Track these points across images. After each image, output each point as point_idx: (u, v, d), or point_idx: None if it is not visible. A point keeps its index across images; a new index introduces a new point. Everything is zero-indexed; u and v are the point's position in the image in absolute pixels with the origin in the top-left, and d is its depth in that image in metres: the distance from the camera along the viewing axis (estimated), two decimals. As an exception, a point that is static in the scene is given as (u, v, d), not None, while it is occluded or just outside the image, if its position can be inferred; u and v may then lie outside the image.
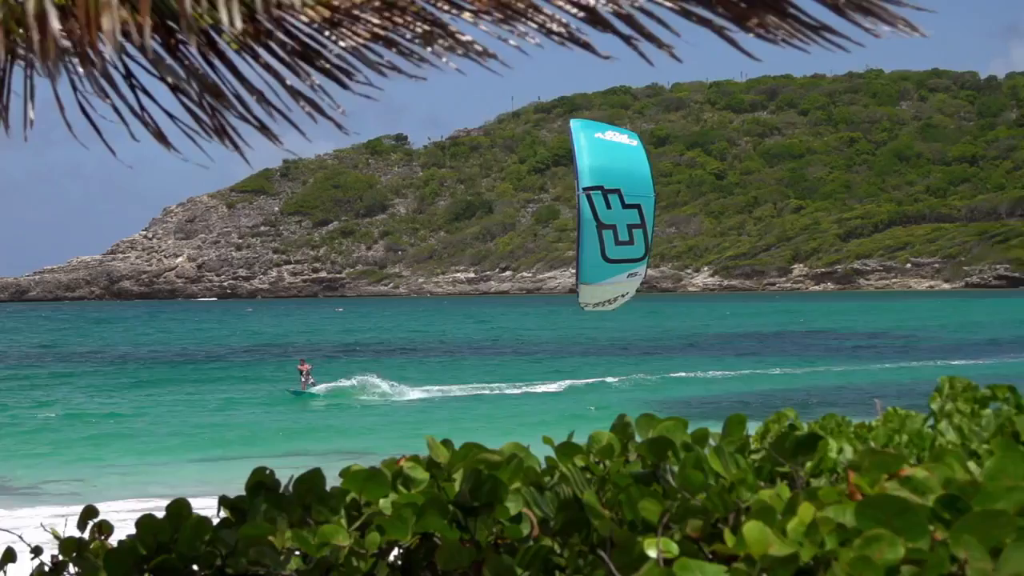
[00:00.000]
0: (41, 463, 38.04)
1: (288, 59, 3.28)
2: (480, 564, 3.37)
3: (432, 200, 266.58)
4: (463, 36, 3.21)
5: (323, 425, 47.80)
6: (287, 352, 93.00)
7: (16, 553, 4.48)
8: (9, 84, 3.54)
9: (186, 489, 30.04)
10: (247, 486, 3.79)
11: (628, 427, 3.61)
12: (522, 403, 54.92)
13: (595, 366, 74.97)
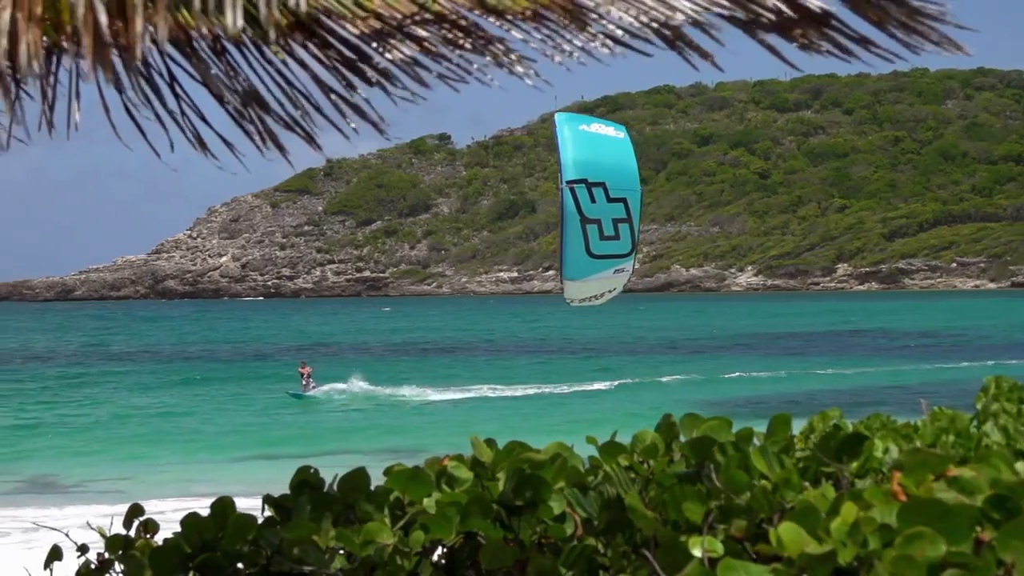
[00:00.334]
0: (88, 461, 38.27)
1: (334, 68, 3.29)
2: (524, 563, 3.37)
3: (475, 199, 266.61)
4: (509, 52, 3.22)
5: (369, 424, 47.87)
6: (336, 351, 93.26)
7: (63, 551, 4.51)
8: (54, 85, 3.57)
9: (231, 488, 30.15)
10: (291, 485, 3.80)
11: (672, 427, 3.60)
12: (570, 402, 54.82)
13: (642, 365, 74.88)
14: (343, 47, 3.26)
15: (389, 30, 3.19)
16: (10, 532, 26.42)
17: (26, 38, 3.01)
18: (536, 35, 3.21)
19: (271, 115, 3.43)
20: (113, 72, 3.30)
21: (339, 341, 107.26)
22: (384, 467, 3.69)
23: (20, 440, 44.40)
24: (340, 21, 3.20)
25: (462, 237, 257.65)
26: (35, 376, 75.08)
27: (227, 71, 3.39)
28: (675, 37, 3.17)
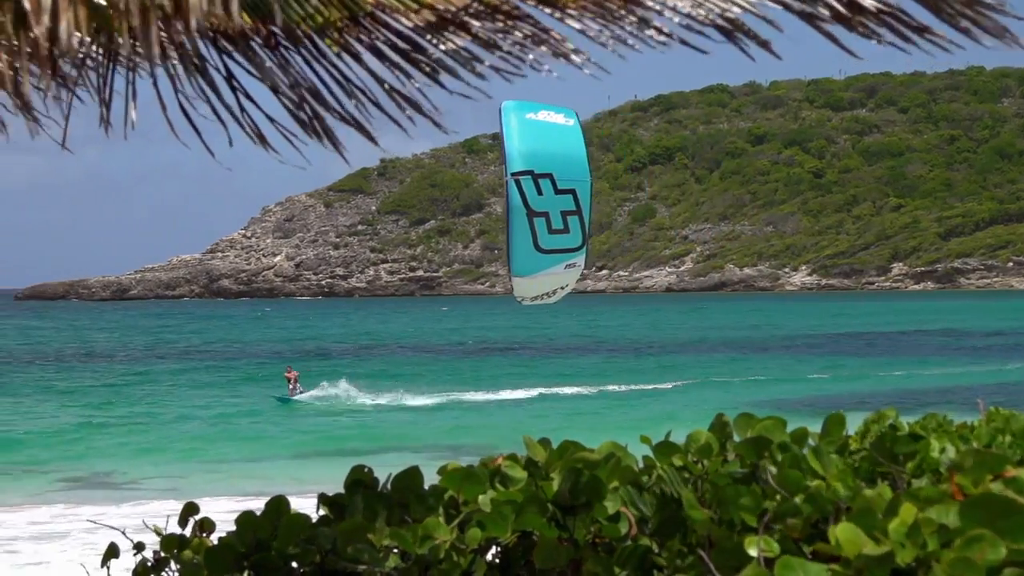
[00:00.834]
0: (145, 459, 38.50)
1: (389, 61, 3.29)
2: (578, 563, 3.36)
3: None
4: (564, 43, 3.21)
5: (422, 423, 47.98)
6: (394, 351, 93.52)
7: (119, 549, 4.54)
8: (111, 85, 3.58)
9: (284, 487, 30.31)
10: (345, 483, 3.81)
11: (726, 426, 3.59)
12: (628, 401, 54.74)
13: (698, 364, 74.75)
14: (398, 39, 3.26)
15: (443, 22, 3.19)
16: (69, 530, 26.62)
17: (67, 16, 3.02)
18: (591, 25, 3.20)
19: (327, 110, 3.44)
20: (161, 49, 3.31)
21: (400, 340, 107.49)
22: (438, 466, 3.69)
23: (78, 438, 44.77)
24: (394, 14, 3.20)
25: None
26: (94, 374, 75.70)
27: (282, 66, 3.39)
28: (732, 28, 3.16)
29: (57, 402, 58.18)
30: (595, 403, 54.64)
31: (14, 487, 33.84)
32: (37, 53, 3.15)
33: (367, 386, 59.91)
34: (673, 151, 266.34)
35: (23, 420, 50.82)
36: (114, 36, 3.26)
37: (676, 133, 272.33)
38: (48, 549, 24.84)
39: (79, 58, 3.63)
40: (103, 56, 3.62)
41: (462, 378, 69.04)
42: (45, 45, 3.10)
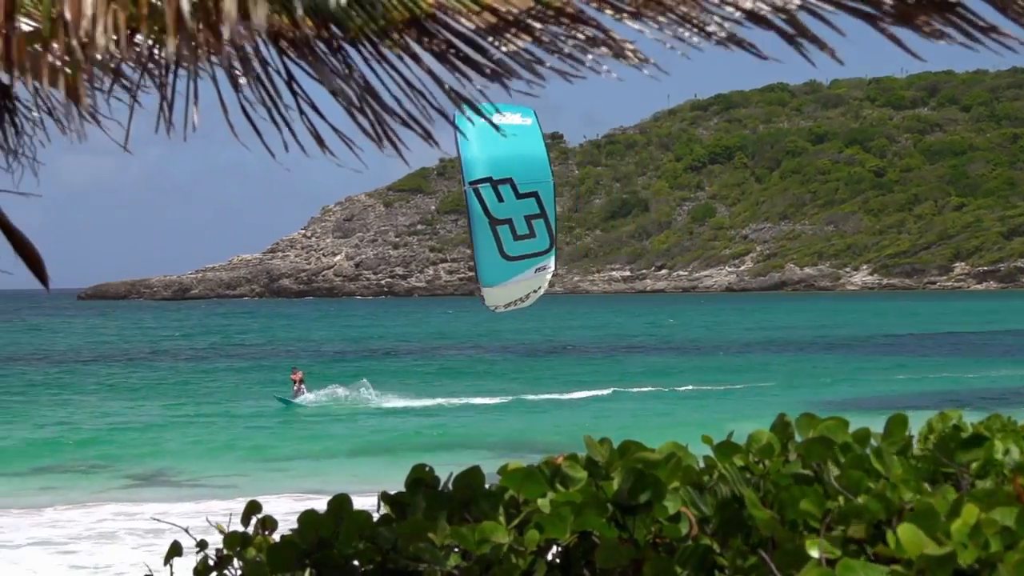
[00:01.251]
0: (208, 458, 38.72)
1: (450, 63, 3.30)
2: (639, 563, 3.36)
3: (588, 198, 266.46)
4: (625, 43, 3.21)
5: (488, 423, 48.01)
6: (465, 349, 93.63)
7: (182, 547, 4.58)
8: (173, 86, 3.61)
9: (346, 485, 30.41)
10: (407, 482, 3.82)
11: (788, 426, 3.58)
12: (689, 401, 54.57)
13: (759, 364, 74.48)
14: (459, 41, 3.27)
15: (505, 24, 3.19)
16: (131, 528, 26.82)
17: (103, 20, 3.05)
18: (652, 25, 3.20)
19: (388, 112, 3.45)
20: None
21: (466, 339, 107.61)
22: (499, 466, 3.70)
23: (141, 436, 45.09)
24: (456, 16, 3.21)
25: (574, 236, 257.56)
26: (158, 372, 76.26)
27: (343, 68, 3.41)
28: (793, 31, 3.15)
29: (121, 400, 58.63)
30: (660, 403, 54.47)
31: (78, 485, 34.13)
32: (90, 56, 3.18)
33: (413, 386, 60.04)
34: (733, 150, 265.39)
35: (88, 418, 51.28)
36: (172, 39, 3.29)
37: (736, 132, 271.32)
38: (110, 547, 25.04)
39: (142, 61, 3.66)
40: (164, 58, 3.65)
41: (526, 377, 69.15)
42: (83, 49, 3.13)
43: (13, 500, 31.40)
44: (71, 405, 57.01)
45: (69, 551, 24.69)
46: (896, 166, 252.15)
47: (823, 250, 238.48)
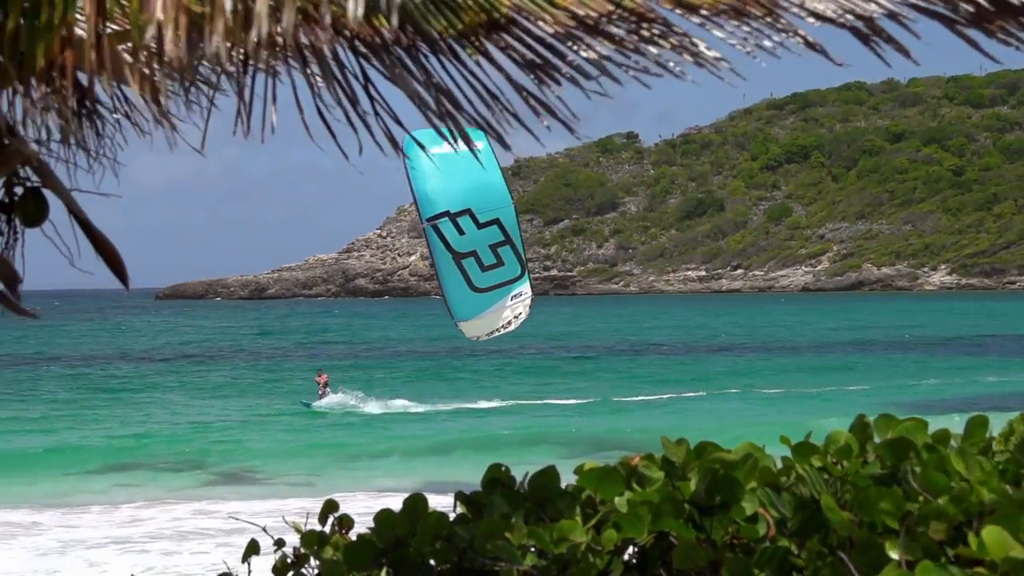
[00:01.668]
0: (286, 457, 38.92)
1: (527, 67, 3.30)
2: (717, 564, 3.35)
3: (663, 198, 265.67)
4: (703, 48, 3.20)
5: (565, 422, 47.98)
6: (544, 348, 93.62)
7: (260, 545, 4.61)
8: (252, 87, 3.64)
9: (420, 484, 30.53)
10: (483, 482, 3.83)
11: (867, 427, 3.55)
12: (767, 402, 54.28)
13: (835, 364, 74.01)
14: (538, 45, 3.27)
15: (583, 28, 3.19)
16: (209, 527, 27.01)
17: (171, 24, 3.08)
18: (729, 30, 3.19)
19: (463, 115, 3.46)
20: (300, 53, 3.36)
21: (552, 338, 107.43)
22: (576, 466, 3.70)
23: (220, 434, 45.44)
24: (533, 19, 3.21)
25: (650, 236, 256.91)
26: (237, 371, 76.81)
27: (420, 72, 3.42)
28: (870, 31, 3.13)
29: (201, 399, 59.12)
30: (740, 403, 54.21)
31: (157, 483, 34.43)
32: (168, 58, 3.21)
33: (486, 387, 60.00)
34: (809, 149, 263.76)
35: (169, 416, 51.76)
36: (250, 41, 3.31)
37: (812, 131, 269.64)
38: (188, 545, 25.23)
39: (219, 63, 3.69)
40: (242, 61, 3.67)
41: (605, 377, 69.12)
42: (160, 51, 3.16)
43: (93, 498, 31.73)
44: (152, 404, 57.59)
45: (147, 550, 24.91)
46: (975, 165, 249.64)
47: (901, 250, 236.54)
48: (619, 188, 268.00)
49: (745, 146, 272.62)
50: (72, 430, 47.12)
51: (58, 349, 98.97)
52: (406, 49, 3.38)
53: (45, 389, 65.31)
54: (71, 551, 24.79)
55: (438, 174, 25.44)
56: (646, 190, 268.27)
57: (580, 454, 36.36)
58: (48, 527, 27.46)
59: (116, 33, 3.55)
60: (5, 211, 4.72)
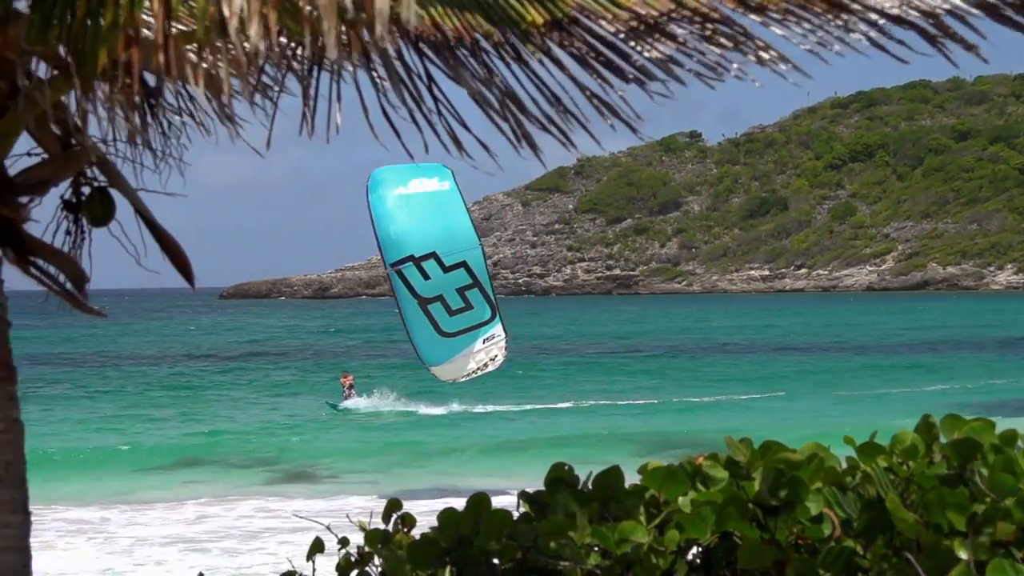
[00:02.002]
0: (350, 455, 39.00)
1: (590, 67, 3.30)
2: (782, 564, 3.33)
3: (726, 197, 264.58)
4: (767, 48, 3.18)
5: (629, 421, 47.84)
6: (610, 347, 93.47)
7: (324, 544, 4.62)
8: (316, 88, 3.65)
9: (482, 482, 30.52)
10: (546, 481, 3.83)
11: (932, 427, 3.53)
12: (834, 403, 53.87)
13: (904, 364, 73.45)
14: (600, 45, 3.27)
15: (646, 27, 3.18)
16: (273, 526, 27.13)
17: (258, 18, 3.09)
18: (794, 29, 3.17)
19: (527, 115, 3.45)
20: (364, 53, 3.37)
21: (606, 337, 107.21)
22: (639, 465, 3.69)
23: (286, 432, 45.65)
24: (597, 19, 3.21)
25: (713, 235, 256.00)
26: (304, 370, 77.04)
27: (484, 72, 3.42)
28: (936, 30, 3.11)
29: (268, 397, 59.37)
30: (807, 403, 53.86)
31: (223, 481, 34.60)
32: (238, 60, 3.22)
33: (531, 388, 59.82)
34: (874, 148, 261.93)
35: (236, 414, 52.05)
36: (317, 41, 3.33)
37: (877, 130, 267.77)
38: (253, 544, 25.34)
39: (284, 64, 3.71)
40: (308, 61, 3.69)
41: (672, 375, 68.93)
42: (241, 51, 3.17)
43: (160, 495, 31.93)
44: (219, 402, 57.96)
45: (212, 548, 25.04)
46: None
47: (966, 249, 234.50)
48: (682, 187, 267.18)
49: (809, 145, 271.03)
50: (140, 428, 47.51)
51: (126, 347, 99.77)
52: (469, 48, 3.38)
53: (114, 387, 65.85)
54: (137, 549, 24.97)
55: (403, 216, 24.80)
56: (709, 189, 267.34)
57: (644, 454, 36.25)
58: (116, 525, 27.68)
59: (182, 33, 3.57)
60: (73, 211, 4.77)
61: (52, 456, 37.15)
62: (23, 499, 4.72)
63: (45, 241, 4.73)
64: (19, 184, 4.60)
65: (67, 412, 52.82)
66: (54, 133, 4.46)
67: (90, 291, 4.80)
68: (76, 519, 28.23)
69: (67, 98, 4.27)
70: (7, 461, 4.63)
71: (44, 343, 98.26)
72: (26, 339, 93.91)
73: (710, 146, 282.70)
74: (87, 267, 4.77)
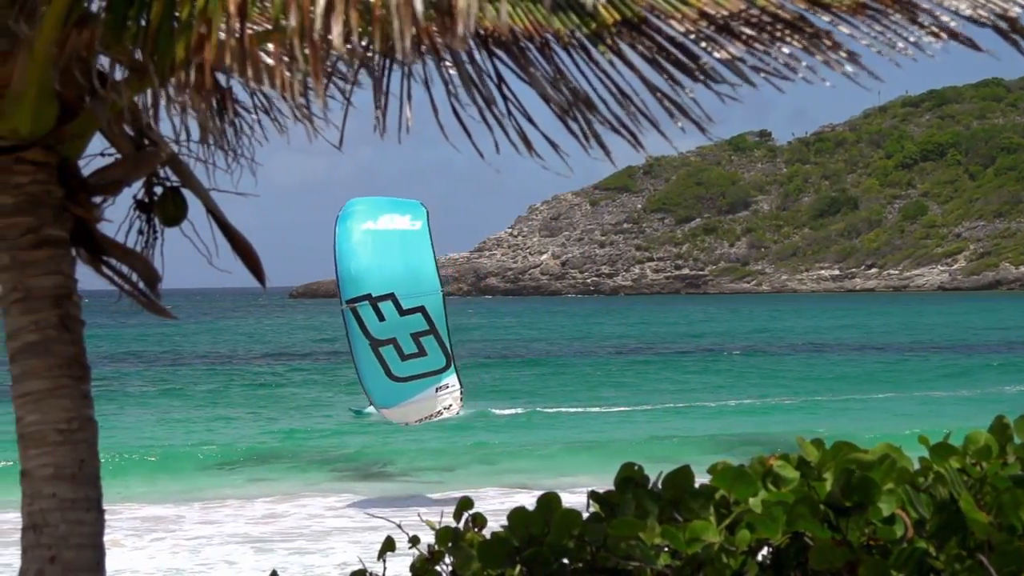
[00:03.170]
0: (421, 454, 39.07)
1: (660, 67, 3.29)
2: (854, 565, 3.31)
3: (796, 196, 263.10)
4: (836, 49, 3.17)
5: (700, 421, 47.69)
6: (702, 347, 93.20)
7: (395, 542, 4.64)
8: (387, 88, 3.67)
9: (552, 482, 30.52)
10: (616, 481, 3.82)
11: (1006, 428, 3.50)
12: (906, 405, 53.43)
13: (979, 366, 72.77)
14: (670, 46, 3.26)
15: (716, 28, 3.17)
16: (343, 525, 27.24)
17: (340, 19, 3.11)
18: (864, 29, 3.15)
19: (597, 115, 3.45)
20: (436, 53, 3.38)
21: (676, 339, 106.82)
22: (709, 465, 3.68)
23: (354, 430, 45.80)
24: (667, 20, 3.20)
25: (782, 235, 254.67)
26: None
27: (554, 72, 3.42)
28: (1009, 27, 3.08)
29: (340, 395, 59.55)
30: (885, 403, 53.44)
31: (294, 478, 34.77)
32: (315, 59, 3.24)
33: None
34: (945, 147, 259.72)
35: (308, 412, 52.32)
36: (388, 40, 3.34)
37: (948, 129, 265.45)
38: (323, 543, 25.45)
39: (356, 64, 3.73)
40: (380, 62, 3.70)
41: (746, 376, 68.66)
42: (313, 48, 3.19)
43: (232, 492, 32.16)
44: (292, 400, 58.27)
45: (282, 547, 25.18)
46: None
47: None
48: (751, 186, 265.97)
49: (880, 144, 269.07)
50: (212, 426, 47.85)
51: (199, 346, 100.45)
52: (539, 48, 3.39)
53: (186, 385, 66.33)
54: (208, 548, 25.15)
55: (365, 253, 24.22)
56: (779, 188, 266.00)
57: (715, 453, 36.11)
58: (187, 523, 27.90)
59: (255, 33, 3.60)
60: (145, 210, 4.81)
61: (125, 454, 37.48)
62: (97, 497, 4.77)
63: (118, 241, 4.77)
64: (93, 184, 4.65)
65: (140, 410, 53.27)
66: (127, 133, 4.50)
67: (161, 291, 4.84)
68: (149, 516, 28.49)
69: (139, 98, 4.31)
70: (81, 459, 4.68)
71: (117, 342, 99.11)
72: (99, 338, 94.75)
73: (780, 145, 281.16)
74: (159, 267, 4.82)
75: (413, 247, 25.01)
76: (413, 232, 25.20)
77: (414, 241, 25.13)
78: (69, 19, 3.94)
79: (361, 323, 24.62)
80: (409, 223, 25.26)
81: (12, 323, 4.65)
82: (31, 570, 4.68)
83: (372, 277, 24.07)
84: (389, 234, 25.00)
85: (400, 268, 24.85)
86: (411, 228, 25.26)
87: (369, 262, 23.72)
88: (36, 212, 4.55)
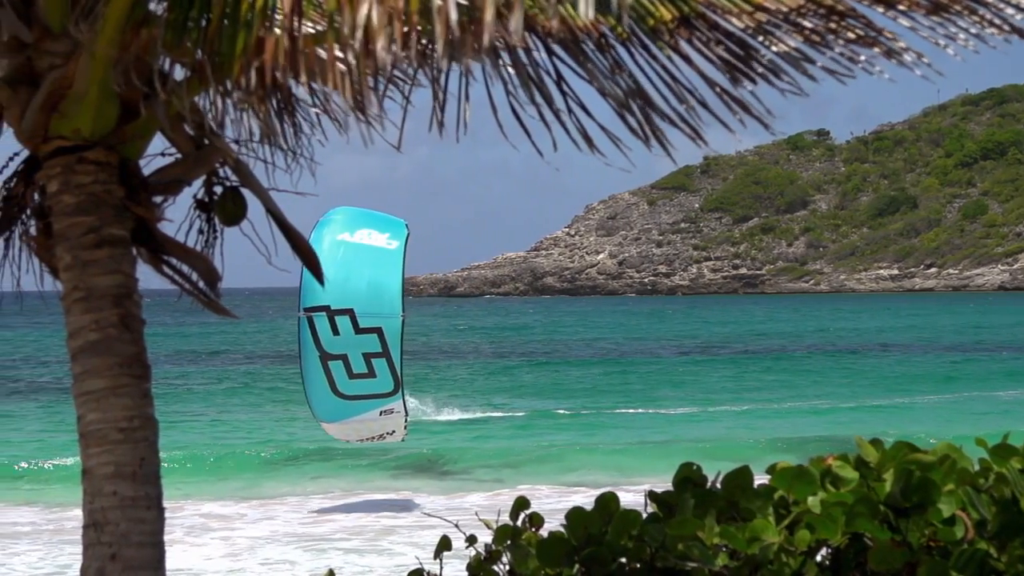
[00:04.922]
0: (478, 454, 39.12)
1: (720, 62, 3.28)
2: (913, 566, 3.29)
3: (854, 196, 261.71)
4: (897, 42, 3.15)
5: (757, 422, 47.51)
6: (762, 347, 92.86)
7: (451, 541, 4.65)
8: (445, 87, 3.67)
9: (609, 481, 30.48)
10: (674, 481, 3.82)
11: (1069, 429, 3.47)
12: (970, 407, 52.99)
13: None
14: (728, 41, 3.25)
15: (775, 23, 3.16)
16: (399, 524, 27.29)
17: (385, 31, 3.12)
18: (925, 23, 3.13)
19: (656, 111, 3.45)
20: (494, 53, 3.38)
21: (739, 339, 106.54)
22: (768, 465, 3.66)
23: (411, 429, 45.83)
24: (725, 15, 3.19)
25: (840, 234, 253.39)
26: (429, 367, 77.29)
27: (613, 68, 3.42)
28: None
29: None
30: (951, 405, 53.00)
31: (350, 477, 34.87)
32: (372, 60, 3.25)
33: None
34: (1006, 146, 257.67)
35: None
36: (447, 38, 3.34)
37: (1009, 127, 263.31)
38: (380, 542, 25.51)
39: (414, 65, 3.74)
40: (437, 61, 3.71)
41: (807, 377, 68.37)
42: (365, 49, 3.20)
43: (289, 489, 32.30)
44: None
45: (339, 546, 25.25)
46: None
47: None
48: (809, 185, 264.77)
49: (939, 143, 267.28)
50: (271, 424, 48.07)
51: (260, 345, 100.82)
52: (596, 44, 3.39)
53: (246, 384, 66.65)
54: (265, 546, 25.26)
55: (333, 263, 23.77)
56: (837, 187, 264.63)
57: (774, 454, 35.95)
58: (245, 522, 28.03)
59: (313, 34, 3.61)
60: (205, 210, 4.84)
61: (186, 452, 37.71)
62: (157, 495, 4.81)
63: (178, 240, 4.81)
64: (153, 184, 4.68)
65: (201, 408, 53.61)
66: (187, 133, 4.53)
67: (221, 290, 4.87)
68: (208, 514, 28.65)
69: (200, 99, 4.34)
70: (141, 457, 4.71)
71: (178, 341, 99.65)
72: (160, 336, 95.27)
73: (838, 144, 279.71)
74: (219, 266, 4.85)
75: (383, 266, 24.75)
76: (387, 251, 24.90)
77: (386, 260, 24.84)
78: (130, 20, 3.97)
79: (314, 333, 24.39)
80: (386, 242, 24.98)
81: (73, 322, 4.69)
82: (92, 567, 4.72)
83: (334, 290, 23.76)
84: (361, 248, 24.73)
85: (363, 285, 24.57)
86: (386, 247, 24.96)
87: (334, 274, 23.37)
88: (97, 212, 4.59)
